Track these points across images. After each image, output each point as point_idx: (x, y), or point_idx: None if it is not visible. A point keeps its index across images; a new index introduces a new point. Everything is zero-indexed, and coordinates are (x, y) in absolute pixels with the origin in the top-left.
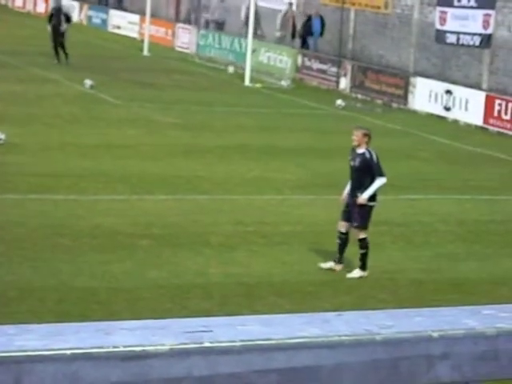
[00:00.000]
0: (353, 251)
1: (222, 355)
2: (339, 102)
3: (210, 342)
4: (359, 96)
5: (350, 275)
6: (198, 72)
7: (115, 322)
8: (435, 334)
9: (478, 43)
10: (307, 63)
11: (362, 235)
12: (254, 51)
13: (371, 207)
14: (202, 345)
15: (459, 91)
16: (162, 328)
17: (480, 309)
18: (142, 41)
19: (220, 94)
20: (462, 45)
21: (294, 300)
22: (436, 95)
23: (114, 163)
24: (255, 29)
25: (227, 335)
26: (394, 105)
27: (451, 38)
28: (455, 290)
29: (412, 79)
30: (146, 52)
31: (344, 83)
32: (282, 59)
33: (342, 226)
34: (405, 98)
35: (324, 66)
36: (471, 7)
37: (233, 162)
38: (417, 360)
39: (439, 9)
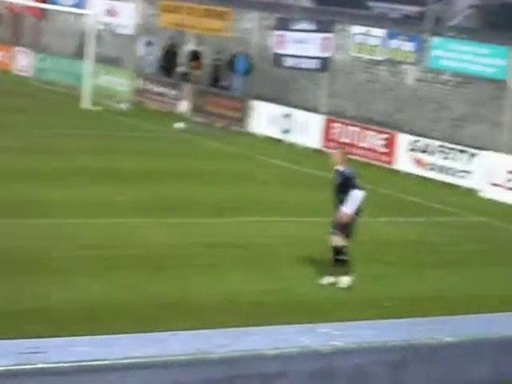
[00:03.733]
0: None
1: (54, 376)
2: (179, 125)
3: (43, 363)
4: (199, 119)
5: (341, 285)
6: (36, 95)
7: None
8: (271, 353)
9: (316, 67)
10: (147, 86)
11: (341, 243)
12: (92, 74)
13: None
14: (35, 366)
15: (298, 114)
16: None
17: (315, 327)
18: None
19: (58, 116)
20: (301, 68)
21: (135, 324)
22: (275, 118)
23: None
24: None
25: (60, 356)
26: (234, 128)
27: (289, 62)
28: (295, 312)
29: (251, 103)
30: None
31: (184, 106)
32: (121, 82)
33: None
34: (244, 121)
35: (164, 89)
36: (310, 31)
37: (72, 185)
38: (252, 379)
39: (277, 32)
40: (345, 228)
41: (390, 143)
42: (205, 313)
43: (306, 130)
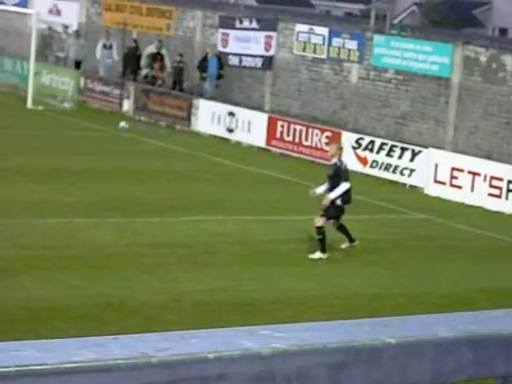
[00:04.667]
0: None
1: None
2: (122, 124)
3: None
4: (142, 118)
5: (311, 256)
6: None
7: None
8: (211, 356)
9: (260, 65)
10: (90, 85)
11: (320, 223)
12: (35, 73)
13: (338, 206)
14: None
15: (242, 113)
16: None
17: (256, 329)
18: None
19: (1, 116)
20: (245, 67)
21: (79, 324)
22: (219, 117)
23: None
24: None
25: (0, 361)
26: (178, 127)
27: (233, 60)
28: (239, 311)
29: (195, 101)
30: None
31: (127, 105)
32: (65, 81)
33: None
34: (188, 119)
35: (107, 88)
36: (253, 29)
37: (14, 184)
38: (192, 382)
39: (221, 31)
40: (328, 211)
41: (334, 141)
42: (149, 313)
43: (251, 128)
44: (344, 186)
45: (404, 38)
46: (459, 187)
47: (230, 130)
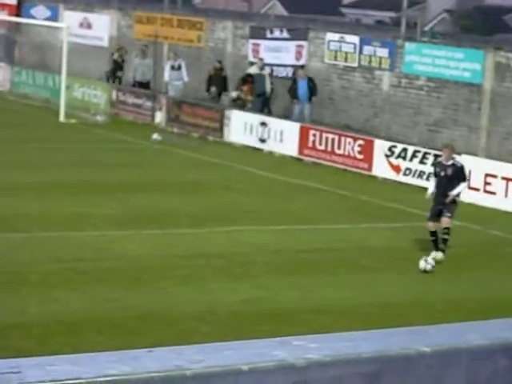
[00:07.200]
0: None
1: None
2: (155, 136)
3: (18, 383)
4: (175, 130)
5: (438, 258)
6: (11, 109)
7: None
8: (245, 367)
9: (291, 74)
10: (122, 98)
11: (449, 224)
12: (67, 87)
13: (456, 203)
14: None
15: (274, 123)
16: None
17: (290, 340)
18: None
19: (35, 130)
20: (276, 76)
21: (115, 337)
22: (251, 127)
23: None
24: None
25: (36, 376)
26: (210, 138)
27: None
28: (275, 321)
29: (227, 112)
30: None
31: (159, 117)
32: (97, 94)
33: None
34: (220, 130)
35: (139, 101)
36: (284, 39)
37: (49, 198)
38: None
39: (252, 41)
40: (453, 210)
41: (366, 149)
42: (185, 325)
43: (283, 138)
44: (464, 185)
45: (435, 44)
46: (493, 193)
47: (263, 140)
